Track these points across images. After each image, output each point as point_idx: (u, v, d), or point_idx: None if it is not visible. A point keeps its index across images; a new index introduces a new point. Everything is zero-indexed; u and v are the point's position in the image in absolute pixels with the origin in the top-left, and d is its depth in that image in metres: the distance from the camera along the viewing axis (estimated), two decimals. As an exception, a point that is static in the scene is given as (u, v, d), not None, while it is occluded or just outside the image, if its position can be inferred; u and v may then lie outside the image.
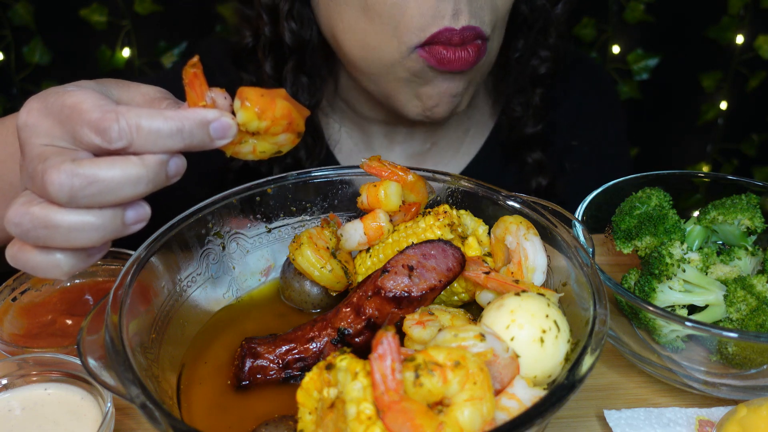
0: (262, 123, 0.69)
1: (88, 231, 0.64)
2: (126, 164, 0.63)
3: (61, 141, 0.65)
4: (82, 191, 0.61)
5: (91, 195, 0.62)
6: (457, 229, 0.85)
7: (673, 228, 0.94)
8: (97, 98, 0.65)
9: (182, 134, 0.65)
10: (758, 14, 2.51)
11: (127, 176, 0.63)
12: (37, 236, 0.64)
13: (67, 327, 0.94)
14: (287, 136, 0.72)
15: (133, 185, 0.63)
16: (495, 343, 0.66)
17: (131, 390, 0.62)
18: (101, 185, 0.62)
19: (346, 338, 0.76)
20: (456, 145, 1.38)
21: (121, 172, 0.63)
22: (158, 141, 0.64)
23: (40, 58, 2.37)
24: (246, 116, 0.68)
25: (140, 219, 0.67)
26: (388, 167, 0.88)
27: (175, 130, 0.64)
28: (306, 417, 0.64)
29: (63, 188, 0.61)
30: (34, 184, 0.63)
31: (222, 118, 0.67)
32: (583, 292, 0.74)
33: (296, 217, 0.95)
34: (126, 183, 0.63)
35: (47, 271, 0.66)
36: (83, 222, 0.63)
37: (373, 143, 1.35)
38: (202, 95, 0.67)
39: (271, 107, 0.69)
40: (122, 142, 0.63)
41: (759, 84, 2.61)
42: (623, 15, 2.53)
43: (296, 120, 0.71)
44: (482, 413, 0.61)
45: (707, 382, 0.85)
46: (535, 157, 1.35)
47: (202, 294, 0.87)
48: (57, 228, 0.63)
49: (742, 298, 0.87)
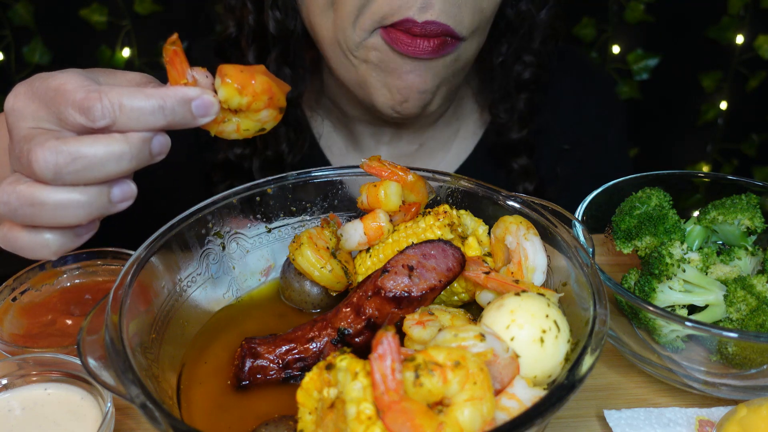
0: (243, 99, 0.70)
1: (74, 208, 0.65)
2: (109, 141, 0.64)
3: (47, 123, 0.66)
4: (67, 167, 0.63)
5: (75, 171, 0.63)
6: (457, 229, 0.85)
7: (673, 228, 0.94)
8: (81, 79, 0.66)
9: (164, 111, 0.66)
10: (758, 14, 2.51)
11: (110, 152, 0.64)
12: (24, 214, 0.65)
13: (67, 327, 0.94)
14: (269, 112, 0.73)
15: (117, 161, 0.64)
16: (495, 343, 0.66)
17: (131, 390, 0.62)
18: (85, 161, 0.63)
19: (346, 338, 0.76)
20: (445, 147, 1.38)
21: (104, 148, 0.64)
22: (141, 118, 0.65)
23: (40, 58, 2.37)
24: (227, 92, 0.68)
25: (126, 197, 0.68)
26: (388, 167, 0.88)
27: (156, 108, 0.65)
28: (306, 417, 0.64)
29: (48, 165, 0.62)
30: (21, 164, 0.65)
31: (203, 95, 0.67)
32: (583, 292, 0.74)
33: (296, 217, 0.95)
34: (110, 159, 0.64)
35: (36, 250, 0.67)
36: (69, 199, 0.64)
37: (360, 143, 1.35)
38: (183, 73, 0.68)
39: (250, 83, 0.70)
40: (105, 121, 0.64)
41: (759, 84, 2.61)
42: (623, 15, 2.54)
43: (277, 95, 0.72)
44: (482, 413, 0.61)
45: (707, 382, 0.85)
46: (521, 162, 1.35)
47: (202, 294, 0.87)
48: (43, 205, 0.64)
49: (742, 298, 0.87)
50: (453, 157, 1.39)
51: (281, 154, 1.29)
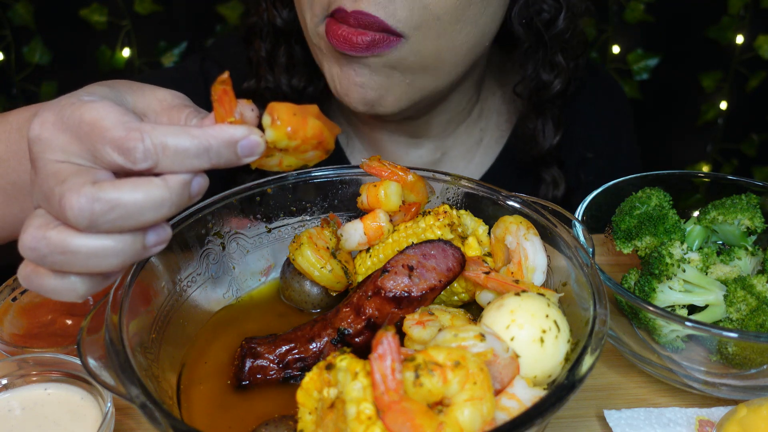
0: (292, 142, 0.66)
1: (107, 257, 0.61)
2: (149, 187, 0.60)
3: (79, 158, 0.62)
4: (103, 217, 0.58)
5: (112, 220, 0.59)
6: (457, 229, 0.85)
7: (673, 228, 0.94)
8: (118, 113, 0.62)
9: (209, 154, 0.62)
10: (758, 14, 2.50)
11: (150, 200, 0.60)
12: (54, 261, 0.61)
13: (67, 327, 0.94)
14: (315, 153, 0.70)
15: (156, 209, 0.60)
16: (495, 343, 0.66)
17: (131, 390, 0.62)
18: (123, 210, 0.59)
19: (346, 338, 0.76)
20: (467, 156, 1.38)
21: (144, 195, 0.59)
22: (185, 161, 0.61)
23: (40, 58, 2.37)
24: (276, 135, 0.65)
25: (161, 242, 0.64)
26: (388, 167, 0.88)
27: (202, 150, 0.61)
28: (306, 417, 0.64)
29: (83, 213, 0.58)
30: (50, 206, 0.60)
31: (251, 136, 0.63)
32: (583, 292, 0.74)
33: (296, 217, 0.95)
34: (149, 207, 0.60)
35: (62, 295, 0.63)
36: (103, 247, 0.60)
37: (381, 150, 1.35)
38: (230, 111, 0.64)
39: (303, 127, 0.66)
40: (147, 163, 0.60)
41: (759, 84, 2.61)
42: (623, 15, 2.53)
43: (327, 139, 0.69)
44: (482, 413, 0.61)
45: (707, 382, 0.85)
46: (552, 173, 1.34)
47: (202, 294, 0.87)
48: (75, 254, 0.60)
49: (742, 298, 0.87)
50: (476, 167, 1.38)
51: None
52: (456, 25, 1.05)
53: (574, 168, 1.41)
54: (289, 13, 1.22)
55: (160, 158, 0.60)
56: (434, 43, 1.05)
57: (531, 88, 1.26)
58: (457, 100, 1.27)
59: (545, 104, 1.28)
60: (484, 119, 1.36)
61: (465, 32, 1.07)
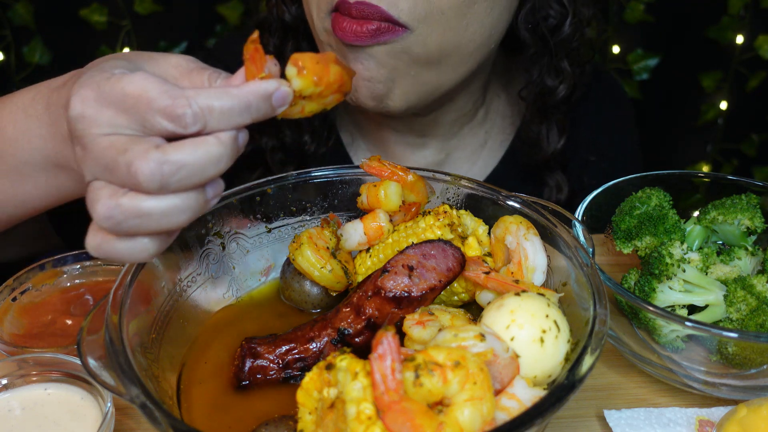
0: (317, 89, 0.70)
1: (177, 214, 0.65)
2: (207, 146, 0.64)
3: (127, 129, 0.65)
4: (172, 177, 0.63)
5: (179, 180, 0.63)
6: (457, 229, 0.85)
7: (673, 228, 0.94)
8: (158, 83, 0.65)
9: (250, 110, 0.66)
10: (758, 14, 2.50)
11: (210, 157, 0.64)
12: (130, 226, 0.64)
13: (67, 327, 0.94)
14: (335, 96, 0.74)
15: (215, 164, 0.65)
16: (495, 343, 0.66)
17: (131, 390, 0.63)
18: (189, 169, 0.63)
19: (346, 338, 0.76)
20: (472, 158, 1.38)
21: (204, 153, 0.64)
22: (230, 119, 0.65)
23: (40, 58, 2.36)
24: (303, 84, 0.69)
25: (218, 194, 0.69)
26: (388, 167, 0.88)
27: (244, 107, 0.66)
28: (306, 417, 0.64)
29: (154, 177, 0.62)
30: (116, 175, 0.64)
31: (281, 87, 0.68)
32: (583, 292, 0.74)
33: (296, 217, 0.95)
34: (210, 163, 0.64)
35: (134, 256, 0.67)
36: (173, 206, 0.65)
37: (386, 150, 1.35)
38: (261, 68, 0.69)
39: (326, 74, 0.71)
40: (197, 126, 0.64)
41: (759, 84, 2.61)
42: (623, 15, 2.53)
43: (347, 83, 0.74)
44: (482, 413, 0.61)
45: (707, 382, 0.85)
46: (556, 177, 1.35)
47: (202, 294, 0.87)
48: (149, 216, 0.64)
49: (742, 298, 0.87)
50: (480, 169, 1.38)
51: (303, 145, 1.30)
52: (461, 22, 1.05)
53: (578, 171, 1.41)
54: (297, 9, 1.23)
55: (207, 120, 0.64)
56: (439, 38, 1.05)
57: (536, 92, 1.26)
58: (464, 100, 1.27)
59: (549, 110, 1.28)
60: (489, 121, 1.36)
61: (471, 31, 1.07)
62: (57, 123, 0.83)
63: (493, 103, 1.36)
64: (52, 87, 0.87)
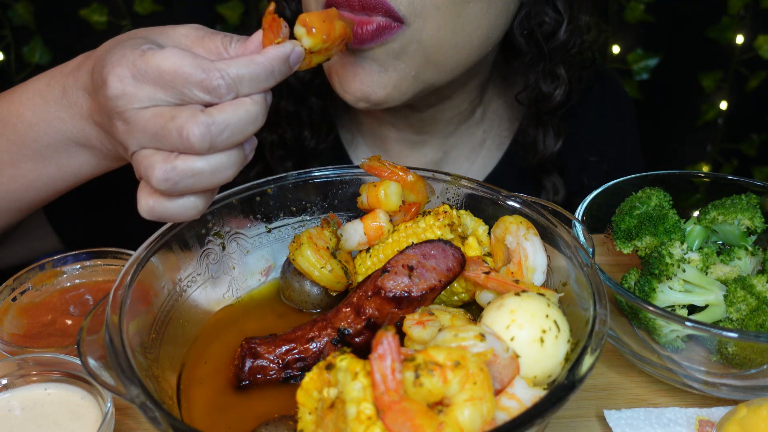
0: (325, 45, 0.79)
1: (225, 170, 0.74)
2: (245, 106, 0.73)
3: (166, 102, 0.73)
4: (219, 137, 0.71)
5: (226, 138, 0.72)
6: (457, 229, 0.85)
7: (673, 228, 0.94)
8: (191, 58, 0.72)
9: (273, 73, 0.75)
10: (758, 14, 2.50)
11: (249, 116, 0.73)
12: (185, 186, 0.73)
13: (67, 327, 0.94)
14: (338, 48, 0.83)
15: (254, 122, 0.74)
16: (495, 343, 0.66)
17: (131, 390, 0.63)
18: (233, 128, 0.72)
19: (346, 338, 0.76)
20: (470, 157, 1.38)
21: (244, 113, 0.73)
22: (258, 85, 0.74)
23: (40, 58, 2.37)
24: (313, 42, 0.78)
25: (253, 149, 0.78)
26: (388, 167, 0.88)
27: (269, 72, 0.74)
28: (306, 417, 0.64)
29: (205, 137, 0.70)
30: (166, 141, 0.71)
31: (296, 48, 0.77)
32: (583, 292, 0.74)
33: (296, 217, 0.95)
34: (249, 122, 0.73)
35: (186, 215, 0.76)
36: (221, 163, 0.73)
37: (386, 148, 1.35)
38: (278, 34, 0.77)
39: (332, 30, 0.80)
40: (230, 95, 0.73)
41: (759, 84, 2.61)
42: (623, 15, 2.53)
43: (349, 35, 0.84)
44: (482, 413, 0.61)
45: (707, 382, 0.85)
46: (552, 180, 1.35)
47: (202, 294, 0.87)
48: (201, 174, 0.73)
49: (742, 298, 0.87)
50: (479, 168, 1.39)
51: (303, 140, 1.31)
52: (457, 20, 1.05)
53: (577, 172, 1.41)
54: (297, 5, 1.24)
55: (239, 88, 0.73)
56: (435, 34, 1.05)
57: (531, 97, 1.27)
58: (461, 99, 1.27)
59: (545, 115, 1.29)
60: (487, 121, 1.37)
61: (467, 31, 1.07)
62: (76, 105, 0.90)
63: (491, 104, 1.36)
64: (65, 72, 0.93)
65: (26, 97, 0.97)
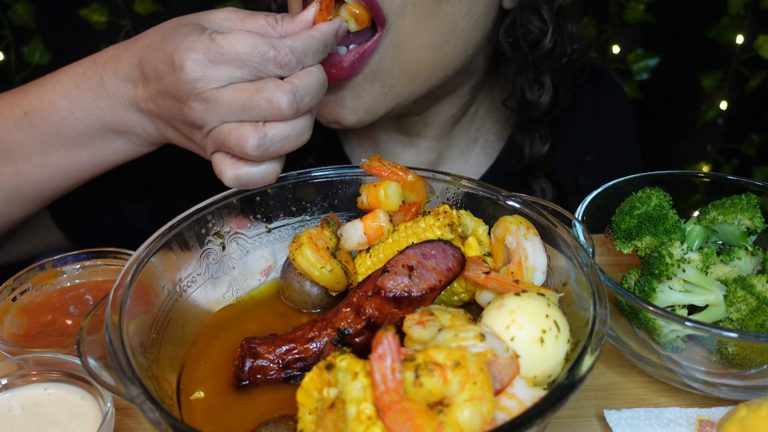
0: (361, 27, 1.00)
1: (305, 132, 0.85)
2: (316, 74, 0.85)
3: (241, 79, 0.83)
4: (303, 101, 0.82)
5: (308, 102, 0.84)
6: (457, 229, 0.85)
7: (673, 228, 0.94)
8: (261, 38, 0.83)
9: (327, 46, 0.88)
10: (758, 14, 2.50)
11: (321, 82, 0.85)
12: (274, 150, 0.83)
13: (67, 327, 0.94)
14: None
15: (323, 87, 0.86)
16: (495, 343, 0.66)
17: (131, 390, 0.63)
18: (312, 92, 0.84)
19: (346, 338, 0.76)
20: (464, 157, 1.38)
21: (317, 79, 0.85)
22: (316, 56, 0.87)
23: (40, 58, 2.36)
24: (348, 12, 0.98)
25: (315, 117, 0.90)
26: (388, 167, 0.88)
27: (324, 45, 0.87)
28: (306, 417, 0.64)
29: (292, 104, 0.81)
30: (254, 112, 0.81)
31: (341, 24, 0.92)
32: (583, 292, 0.74)
33: (296, 217, 0.95)
34: (321, 87, 0.86)
35: (268, 179, 0.86)
36: (302, 126, 0.85)
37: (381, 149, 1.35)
38: (330, 11, 0.91)
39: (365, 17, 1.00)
40: (299, 67, 0.84)
41: (759, 84, 2.61)
42: (623, 15, 2.53)
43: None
44: (482, 413, 0.61)
45: (707, 382, 0.85)
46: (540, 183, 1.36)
47: (202, 294, 0.87)
48: (288, 138, 0.83)
49: (742, 298, 0.87)
50: (472, 168, 1.39)
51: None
52: (432, 19, 1.03)
53: (573, 173, 1.41)
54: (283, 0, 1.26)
55: (305, 60, 0.85)
56: (410, 35, 1.04)
57: (517, 104, 1.28)
58: (451, 103, 1.27)
59: (530, 122, 1.29)
60: (479, 119, 1.37)
61: (442, 32, 1.06)
62: (116, 94, 0.96)
63: (484, 104, 1.36)
64: (99, 62, 0.99)
65: (60, 87, 1.01)
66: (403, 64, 1.06)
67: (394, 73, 1.07)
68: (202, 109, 0.84)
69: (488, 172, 1.38)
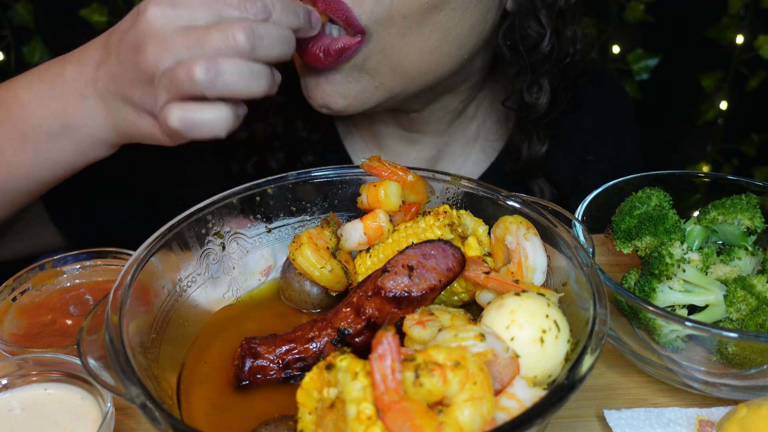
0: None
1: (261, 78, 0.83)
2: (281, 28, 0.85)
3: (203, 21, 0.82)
4: (261, 42, 0.81)
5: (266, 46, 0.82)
6: (457, 229, 0.85)
7: (673, 228, 0.94)
8: None
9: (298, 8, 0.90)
10: (758, 14, 2.50)
11: (284, 36, 0.84)
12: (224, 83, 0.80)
13: (67, 327, 0.94)
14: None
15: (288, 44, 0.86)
16: (495, 343, 0.66)
17: (131, 390, 0.62)
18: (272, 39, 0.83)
19: (346, 338, 0.76)
20: (464, 152, 1.38)
21: (279, 32, 0.84)
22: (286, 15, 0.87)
23: (40, 58, 2.36)
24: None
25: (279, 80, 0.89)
26: (388, 167, 0.88)
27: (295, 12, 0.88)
28: (306, 417, 0.64)
29: (249, 38, 0.80)
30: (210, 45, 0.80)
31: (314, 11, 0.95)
32: (583, 292, 0.74)
33: (296, 217, 0.95)
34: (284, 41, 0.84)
35: (217, 125, 0.82)
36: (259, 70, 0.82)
37: (382, 144, 1.36)
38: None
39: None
40: (264, 16, 0.84)
41: (759, 84, 2.61)
42: (623, 15, 2.53)
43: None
44: (482, 413, 0.61)
45: (707, 382, 0.85)
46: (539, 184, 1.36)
47: (202, 294, 0.87)
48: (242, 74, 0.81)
49: (742, 298, 0.87)
50: (472, 166, 1.39)
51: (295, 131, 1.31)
52: (423, 28, 1.03)
53: (573, 172, 1.41)
54: None
55: (271, 11, 0.85)
56: (399, 42, 1.04)
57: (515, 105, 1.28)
58: (450, 101, 1.27)
59: (528, 124, 1.29)
60: (480, 116, 1.37)
61: (434, 38, 1.05)
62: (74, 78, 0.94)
63: (485, 102, 1.36)
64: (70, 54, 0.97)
65: (26, 79, 1.00)
66: (393, 66, 1.06)
67: (384, 72, 1.07)
68: (157, 50, 0.81)
69: (488, 172, 1.39)
